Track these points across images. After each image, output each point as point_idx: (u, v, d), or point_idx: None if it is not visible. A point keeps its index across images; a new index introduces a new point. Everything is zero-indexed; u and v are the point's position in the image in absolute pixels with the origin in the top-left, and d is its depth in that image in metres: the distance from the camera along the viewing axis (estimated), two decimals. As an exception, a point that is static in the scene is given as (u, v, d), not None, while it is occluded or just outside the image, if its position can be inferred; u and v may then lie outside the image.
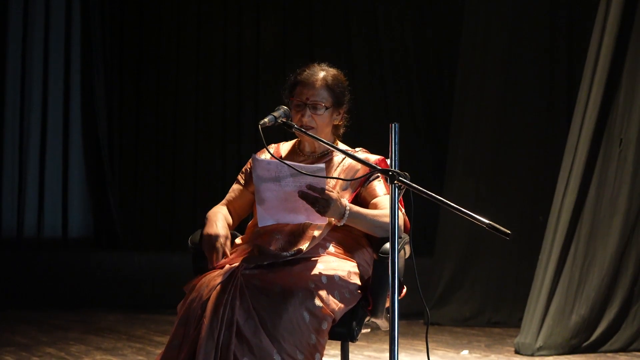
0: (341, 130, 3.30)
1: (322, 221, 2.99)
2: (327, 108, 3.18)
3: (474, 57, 6.81)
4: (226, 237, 3.08)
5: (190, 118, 8.76)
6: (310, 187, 2.89)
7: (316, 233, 3.04)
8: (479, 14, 6.82)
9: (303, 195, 2.89)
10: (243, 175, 3.33)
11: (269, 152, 3.07)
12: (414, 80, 8.34)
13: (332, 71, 3.24)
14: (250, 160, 3.16)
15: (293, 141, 3.36)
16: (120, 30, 8.85)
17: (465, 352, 5.44)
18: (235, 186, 3.33)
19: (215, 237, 3.07)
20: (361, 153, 3.22)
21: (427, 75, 8.36)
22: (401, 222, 3.09)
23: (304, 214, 2.95)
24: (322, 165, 2.93)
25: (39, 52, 8.65)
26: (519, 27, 6.65)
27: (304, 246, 3.01)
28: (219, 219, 3.15)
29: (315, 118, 3.16)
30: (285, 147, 3.34)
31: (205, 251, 3.06)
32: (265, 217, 2.96)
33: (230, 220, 3.25)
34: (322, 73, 3.21)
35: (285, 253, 3.00)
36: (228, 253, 3.07)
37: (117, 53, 8.82)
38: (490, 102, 6.71)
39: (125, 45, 8.85)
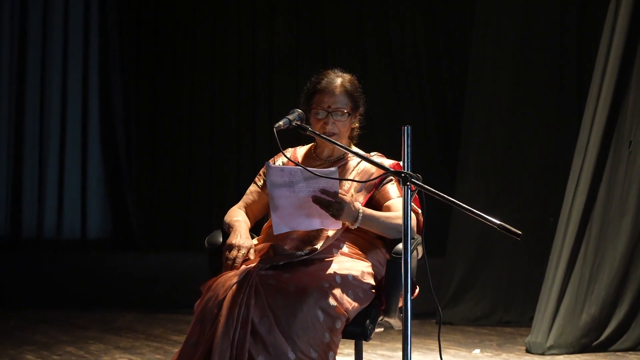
0: (355, 133, 3.31)
1: (336, 226, 2.99)
2: (349, 114, 3.19)
3: (484, 60, 6.80)
4: (249, 249, 3.08)
5: (205, 121, 8.77)
6: (323, 191, 2.90)
7: (330, 233, 3.05)
8: (489, 18, 6.81)
9: (316, 200, 2.89)
10: (261, 177, 3.34)
11: (285, 156, 3.07)
12: (425, 83, 8.33)
13: (348, 76, 3.26)
14: (262, 169, 3.18)
15: (308, 146, 3.37)
16: (137, 34, 8.88)
17: (477, 351, 5.43)
18: (252, 188, 3.34)
19: (238, 248, 3.06)
20: (377, 157, 3.23)
21: (439, 79, 8.35)
22: (414, 223, 3.09)
23: (318, 219, 2.95)
24: (335, 168, 2.93)
25: (59, 56, 8.69)
26: (529, 30, 6.63)
27: (318, 245, 3.02)
28: (244, 230, 3.14)
29: (337, 124, 3.17)
30: (301, 152, 3.35)
31: (224, 257, 3.05)
32: (280, 225, 2.96)
33: (249, 226, 3.26)
34: (339, 79, 3.22)
35: (299, 252, 3.01)
36: (252, 258, 3.06)
37: (134, 58, 8.85)
38: (500, 105, 6.70)
39: (142, 51, 8.88)
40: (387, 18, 8.38)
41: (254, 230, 3.35)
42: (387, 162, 3.18)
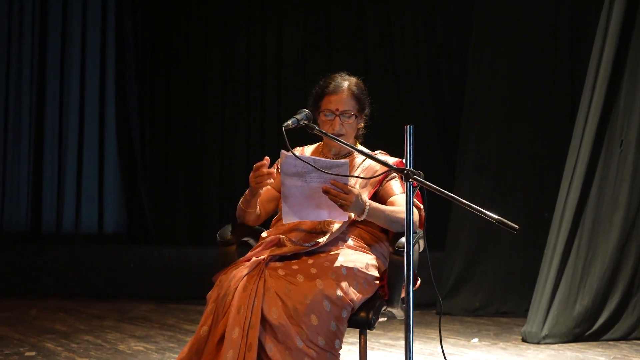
0: (360, 132, 3.32)
1: (344, 218, 3.00)
2: (355, 116, 3.21)
3: (482, 62, 6.80)
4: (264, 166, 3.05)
5: (216, 121, 8.78)
6: (333, 182, 2.91)
7: (335, 227, 3.06)
8: (486, 20, 6.81)
9: (326, 191, 2.90)
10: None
11: (294, 154, 3.07)
12: (426, 84, 8.33)
13: (354, 79, 3.27)
14: (277, 161, 3.18)
15: (317, 144, 3.38)
16: (152, 36, 8.90)
17: (475, 340, 5.43)
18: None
19: (255, 169, 3.05)
20: (381, 155, 3.24)
21: (439, 81, 8.34)
22: (416, 218, 3.10)
23: (327, 211, 2.96)
24: (346, 160, 2.94)
25: (77, 58, 8.72)
26: (525, 33, 6.63)
27: (324, 238, 3.03)
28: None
29: (345, 126, 3.19)
30: (309, 151, 3.36)
31: (252, 179, 3.05)
32: (289, 214, 2.97)
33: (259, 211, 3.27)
34: (346, 83, 3.23)
35: (306, 244, 3.02)
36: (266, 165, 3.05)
37: (149, 60, 8.86)
38: (497, 105, 6.70)
39: (156, 52, 8.90)
40: (389, 22, 8.37)
41: (264, 225, 3.36)
42: (391, 160, 3.19)
